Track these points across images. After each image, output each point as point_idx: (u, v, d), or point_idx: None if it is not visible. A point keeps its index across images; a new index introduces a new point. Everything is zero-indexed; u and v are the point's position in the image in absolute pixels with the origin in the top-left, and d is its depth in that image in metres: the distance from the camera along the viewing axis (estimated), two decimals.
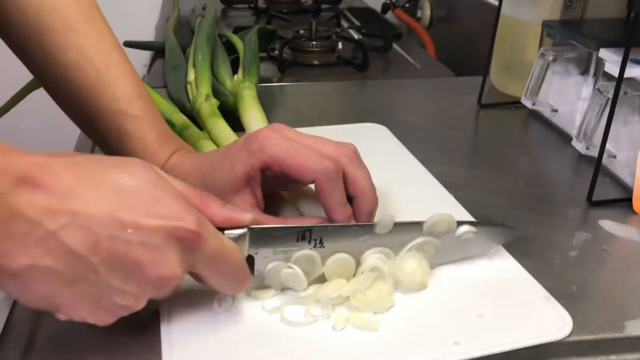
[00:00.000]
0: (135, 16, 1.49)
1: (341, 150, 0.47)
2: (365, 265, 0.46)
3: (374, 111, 0.83)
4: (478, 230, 0.48)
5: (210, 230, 0.39)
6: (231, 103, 0.76)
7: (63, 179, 0.35)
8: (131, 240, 0.36)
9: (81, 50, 0.52)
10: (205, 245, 0.38)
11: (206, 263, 0.40)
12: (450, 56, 1.26)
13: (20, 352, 0.41)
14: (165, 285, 0.38)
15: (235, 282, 0.42)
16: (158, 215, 0.37)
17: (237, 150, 0.48)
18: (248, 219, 0.43)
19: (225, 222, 0.42)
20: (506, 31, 0.84)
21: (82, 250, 0.35)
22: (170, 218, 0.37)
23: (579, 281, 0.49)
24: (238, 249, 0.42)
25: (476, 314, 0.44)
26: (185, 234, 0.37)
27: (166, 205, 0.37)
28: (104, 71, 0.52)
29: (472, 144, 0.78)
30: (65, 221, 0.34)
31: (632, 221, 0.58)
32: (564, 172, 0.68)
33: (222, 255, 0.40)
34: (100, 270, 0.35)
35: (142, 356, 0.41)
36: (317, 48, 1.08)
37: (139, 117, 0.53)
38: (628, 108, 0.62)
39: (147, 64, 1.09)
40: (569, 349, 0.43)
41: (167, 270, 0.37)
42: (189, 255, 0.38)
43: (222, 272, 0.41)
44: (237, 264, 0.41)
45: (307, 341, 0.42)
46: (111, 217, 0.35)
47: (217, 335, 0.42)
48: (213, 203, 0.42)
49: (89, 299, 0.36)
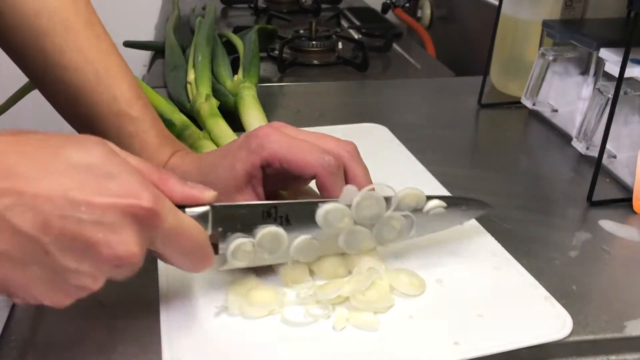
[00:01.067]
0: (135, 16, 1.49)
1: (342, 146, 0.47)
2: (362, 265, 0.46)
3: (374, 111, 0.83)
4: (448, 205, 0.48)
5: (168, 207, 0.38)
6: (231, 103, 0.76)
7: (6, 157, 0.34)
8: (84, 219, 0.34)
9: (81, 52, 0.52)
10: (162, 223, 0.38)
11: (165, 241, 0.39)
12: (450, 56, 1.26)
13: (20, 352, 0.41)
14: (122, 264, 0.36)
15: (197, 260, 0.41)
16: (112, 192, 0.35)
17: (237, 149, 0.48)
18: (209, 196, 0.42)
19: (185, 200, 0.41)
20: (506, 31, 0.84)
21: (31, 230, 0.33)
22: (125, 195, 0.36)
23: (579, 281, 0.49)
24: (199, 227, 0.41)
25: (476, 314, 0.44)
26: (141, 211, 0.36)
27: (120, 182, 0.36)
28: (103, 73, 0.52)
29: (472, 144, 0.78)
30: (10, 201, 0.33)
31: (632, 221, 0.58)
32: (564, 172, 0.68)
33: (182, 233, 0.39)
34: (52, 251, 0.34)
35: (142, 357, 0.41)
36: (317, 48, 1.08)
37: (139, 119, 0.52)
38: (628, 108, 0.62)
39: (147, 64, 1.09)
40: (569, 349, 0.43)
41: (122, 249, 0.36)
42: (146, 233, 0.37)
43: (182, 250, 0.40)
44: (198, 242, 0.41)
45: (307, 341, 0.42)
46: (62, 196, 0.34)
47: (218, 336, 0.42)
48: (172, 180, 0.41)
49: (42, 281, 0.35)
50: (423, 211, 0.48)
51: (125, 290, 0.46)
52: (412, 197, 0.47)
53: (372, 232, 0.47)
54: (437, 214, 0.48)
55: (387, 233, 0.47)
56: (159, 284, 0.47)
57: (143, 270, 0.46)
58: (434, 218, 0.48)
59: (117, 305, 0.45)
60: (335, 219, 0.45)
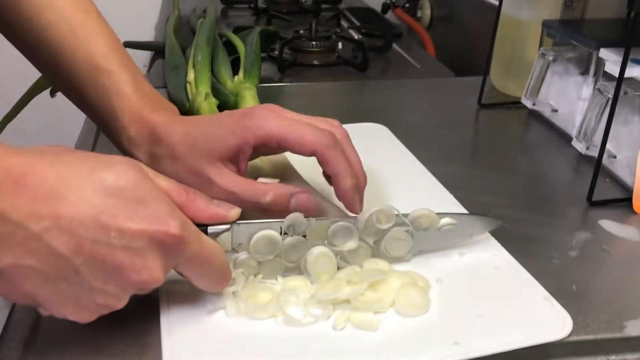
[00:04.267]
0: (135, 16, 1.49)
1: (335, 129, 0.49)
2: (365, 265, 0.47)
3: (374, 111, 0.83)
4: (458, 221, 0.49)
5: (193, 233, 0.40)
6: (231, 103, 0.76)
7: (46, 179, 0.35)
8: (113, 244, 0.36)
9: (57, 12, 0.52)
10: (187, 249, 0.39)
11: (188, 264, 0.40)
12: (450, 56, 1.26)
13: (20, 352, 0.41)
14: (146, 288, 0.38)
15: (216, 281, 0.43)
16: (141, 218, 0.37)
17: (232, 123, 0.48)
18: (234, 214, 0.44)
19: (211, 219, 0.43)
20: (506, 31, 0.84)
21: (65, 252, 0.35)
22: (153, 222, 0.37)
23: (579, 281, 0.49)
24: (220, 250, 0.42)
25: (476, 314, 0.44)
26: (168, 238, 0.38)
27: (150, 207, 0.38)
28: (79, 29, 0.53)
29: (472, 144, 0.78)
30: (48, 224, 0.35)
31: (632, 221, 0.58)
32: (564, 172, 0.68)
33: (204, 258, 0.41)
34: (82, 271, 0.36)
35: (142, 357, 0.41)
36: (317, 48, 1.08)
37: (115, 72, 0.52)
38: (628, 108, 0.62)
39: (147, 64, 1.09)
40: (569, 349, 0.43)
41: (148, 274, 0.38)
42: (170, 259, 0.39)
43: (204, 273, 0.42)
44: (218, 265, 0.42)
45: (307, 341, 0.42)
46: (94, 220, 0.36)
47: (218, 337, 0.42)
48: (199, 199, 0.43)
49: (70, 298, 0.37)
50: (435, 228, 0.49)
51: None
52: (425, 219, 0.48)
53: (378, 248, 0.48)
54: (447, 230, 0.49)
55: (395, 249, 0.48)
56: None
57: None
58: (445, 234, 0.49)
59: None
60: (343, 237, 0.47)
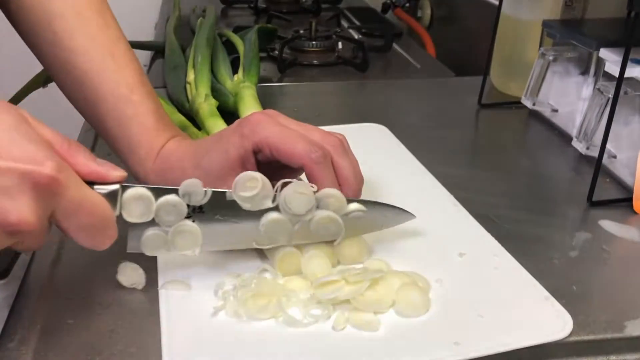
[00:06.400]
0: (135, 16, 1.48)
1: (327, 140, 0.48)
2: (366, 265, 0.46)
3: (374, 111, 0.83)
4: (368, 210, 0.48)
5: (72, 179, 0.38)
6: (231, 103, 0.76)
7: None
8: None
9: (89, 37, 0.53)
10: (64, 193, 0.37)
11: (66, 213, 0.38)
12: (450, 56, 1.26)
13: (20, 352, 0.41)
14: (15, 231, 0.36)
15: (98, 237, 0.41)
16: (11, 157, 0.35)
17: (231, 134, 0.49)
18: (115, 175, 0.42)
19: (91, 175, 0.41)
20: (506, 31, 0.84)
21: None
22: (25, 161, 0.36)
23: (579, 281, 0.49)
24: (106, 204, 0.40)
25: (476, 314, 0.44)
26: (41, 178, 0.36)
27: (23, 148, 0.36)
28: (109, 58, 0.53)
29: (472, 144, 0.78)
30: None
31: (632, 221, 0.58)
32: (564, 172, 0.68)
33: (85, 207, 0.39)
34: None
35: (142, 357, 0.41)
36: (317, 48, 1.08)
37: (139, 103, 0.53)
38: (628, 108, 0.62)
39: (147, 64, 1.09)
40: (569, 349, 0.43)
41: (15, 215, 0.35)
42: (45, 202, 0.37)
43: (84, 225, 0.39)
44: (102, 218, 0.40)
45: (307, 341, 0.42)
46: None
47: (218, 337, 0.42)
48: (81, 154, 0.41)
49: None
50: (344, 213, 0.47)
51: (125, 290, 0.47)
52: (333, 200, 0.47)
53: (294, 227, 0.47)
54: (356, 217, 0.48)
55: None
56: (158, 283, 0.47)
57: (143, 269, 0.47)
58: (354, 221, 0.48)
59: (116, 304, 0.45)
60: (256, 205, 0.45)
